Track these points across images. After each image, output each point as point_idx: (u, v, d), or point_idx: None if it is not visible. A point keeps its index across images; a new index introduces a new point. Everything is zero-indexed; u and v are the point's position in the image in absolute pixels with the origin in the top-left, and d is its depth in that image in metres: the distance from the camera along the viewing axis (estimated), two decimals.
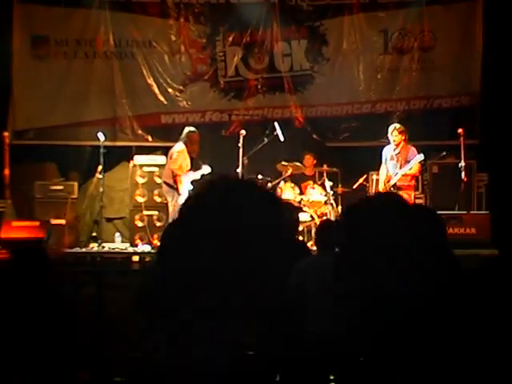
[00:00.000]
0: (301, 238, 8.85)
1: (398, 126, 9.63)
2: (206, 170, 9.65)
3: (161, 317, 1.35)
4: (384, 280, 1.78)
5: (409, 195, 9.31)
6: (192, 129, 9.74)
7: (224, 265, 1.22)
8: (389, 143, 9.62)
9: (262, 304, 1.28)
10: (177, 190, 9.37)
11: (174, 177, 9.38)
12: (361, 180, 10.44)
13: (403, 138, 9.48)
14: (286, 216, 5.06)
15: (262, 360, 1.43)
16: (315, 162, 10.71)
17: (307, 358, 5.00)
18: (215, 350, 1.30)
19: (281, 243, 1.32)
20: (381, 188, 9.59)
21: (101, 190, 10.00)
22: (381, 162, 9.67)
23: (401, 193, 9.29)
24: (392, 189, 9.40)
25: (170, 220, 9.20)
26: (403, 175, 9.37)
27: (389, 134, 9.55)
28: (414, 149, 9.47)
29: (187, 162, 9.49)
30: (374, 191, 10.22)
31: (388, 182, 9.49)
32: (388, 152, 9.61)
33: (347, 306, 2.11)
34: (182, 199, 9.38)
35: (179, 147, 9.48)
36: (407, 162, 9.35)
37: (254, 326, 1.35)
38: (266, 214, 1.29)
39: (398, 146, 9.48)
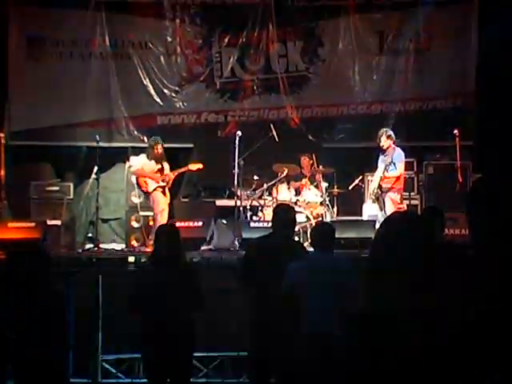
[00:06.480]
0: (297, 238, 8.84)
1: (386, 130, 9.63)
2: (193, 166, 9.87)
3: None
4: None
5: (394, 198, 9.34)
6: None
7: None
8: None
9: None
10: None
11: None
12: (356, 181, 10.45)
13: (392, 141, 9.51)
14: (281, 216, 5.06)
15: None
16: (311, 162, 10.72)
17: (303, 358, 5.00)
18: None
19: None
20: (372, 191, 9.62)
21: (96, 190, 9.98)
22: (376, 163, 9.68)
23: (388, 194, 9.33)
24: (379, 191, 9.41)
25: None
26: (387, 177, 9.38)
27: (379, 139, 9.55)
28: (400, 150, 9.50)
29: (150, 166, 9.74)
30: (367, 193, 10.25)
31: (380, 186, 9.49)
32: (380, 156, 9.65)
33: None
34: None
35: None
36: (393, 163, 9.37)
37: None
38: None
39: (386, 149, 9.50)
